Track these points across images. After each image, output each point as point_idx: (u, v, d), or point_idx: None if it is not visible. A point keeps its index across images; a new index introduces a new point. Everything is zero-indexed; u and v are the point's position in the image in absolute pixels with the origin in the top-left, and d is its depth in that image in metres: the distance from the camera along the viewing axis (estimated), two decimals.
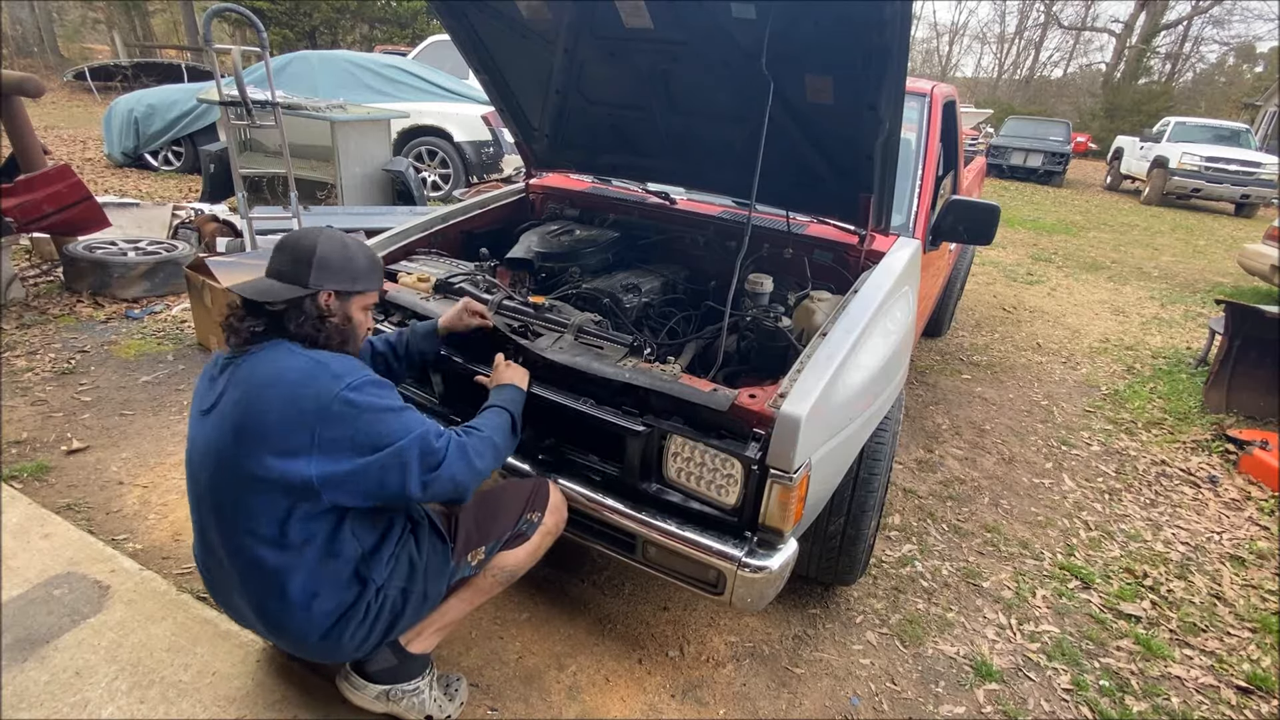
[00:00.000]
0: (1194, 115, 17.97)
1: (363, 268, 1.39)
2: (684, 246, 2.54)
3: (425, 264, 2.16)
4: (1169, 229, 10.28)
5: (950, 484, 2.89)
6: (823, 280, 2.16)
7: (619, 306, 2.10)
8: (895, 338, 1.83)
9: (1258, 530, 2.78)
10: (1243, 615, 2.29)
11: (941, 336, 4.62)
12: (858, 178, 1.93)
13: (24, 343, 3.36)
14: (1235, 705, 1.94)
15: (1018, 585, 2.33)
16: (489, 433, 1.41)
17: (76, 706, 1.56)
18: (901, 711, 1.81)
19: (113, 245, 4.15)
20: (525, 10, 2.03)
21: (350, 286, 1.37)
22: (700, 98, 2.10)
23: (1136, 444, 3.43)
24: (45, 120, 10.67)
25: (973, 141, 14.30)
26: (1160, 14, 25.25)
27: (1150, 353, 4.77)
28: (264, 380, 1.24)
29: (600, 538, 1.66)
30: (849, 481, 1.81)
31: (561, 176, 2.80)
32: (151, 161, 7.64)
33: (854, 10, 1.51)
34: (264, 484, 1.22)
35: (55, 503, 2.27)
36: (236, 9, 4.09)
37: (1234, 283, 7.05)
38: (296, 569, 1.26)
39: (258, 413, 1.22)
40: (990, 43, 34.54)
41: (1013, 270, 6.77)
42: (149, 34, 23.43)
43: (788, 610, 2.10)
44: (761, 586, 1.48)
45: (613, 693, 1.77)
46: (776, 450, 1.39)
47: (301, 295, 1.31)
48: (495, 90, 2.42)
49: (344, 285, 1.36)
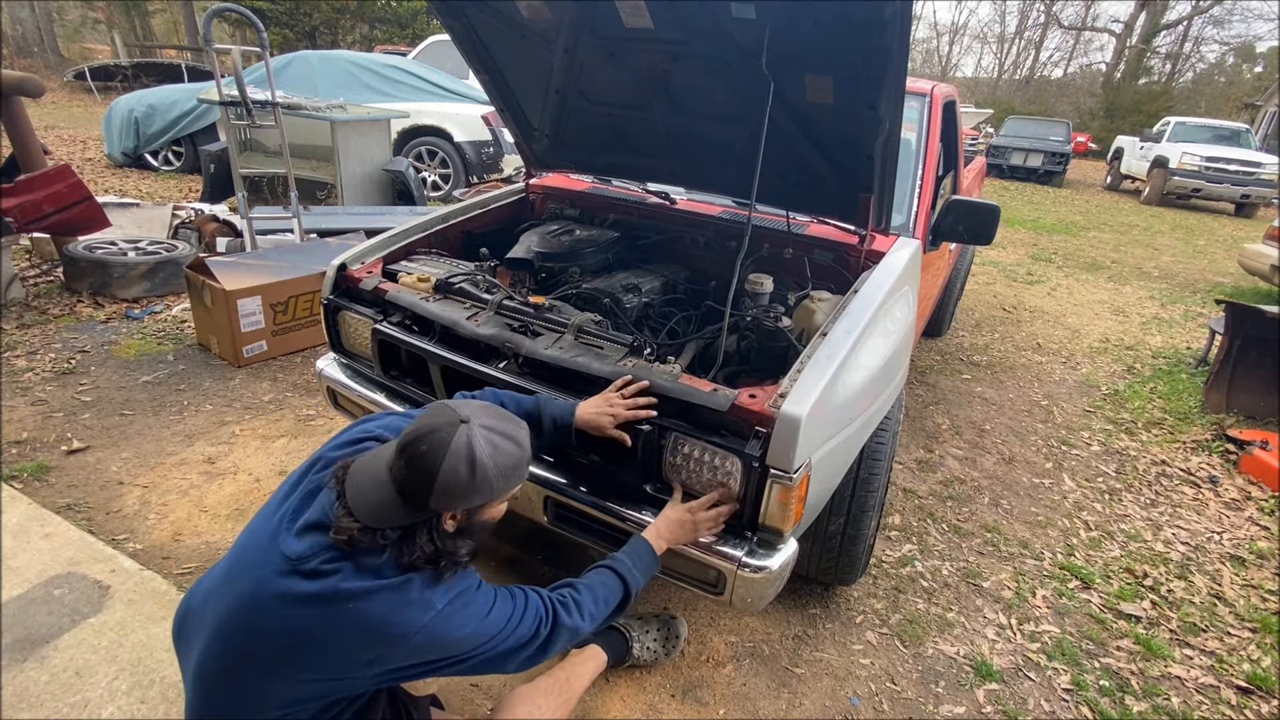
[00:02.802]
0: (1194, 115, 17.97)
1: (495, 482, 1.11)
2: (684, 246, 2.54)
3: (425, 264, 2.16)
4: (1169, 229, 10.28)
5: (950, 484, 2.89)
6: (823, 280, 2.16)
7: (619, 306, 2.10)
8: (895, 338, 1.83)
9: (1258, 530, 2.78)
10: (1243, 615, 2.29)
11: (941, 336, 4.62)
12: (858, 178, 1.93)
13: (24, 343, 3.36)
14: (1235, 705, 1.94)
15: (1018, 585, 2.33)
16: (596, 607, 1.31)
17: (76, 706, 1.56)
18: (901, 711, 1.81)
19: (113, 245, 4.15)
20: (525, 10, 2.03)
21: (477, 501, 1.12)
22: (700, 98, 2.10)
23: (1136, 444, 3.43)
24: (45, 120, 10.67)
25: (973, 141, 14.30)
26: (1160, 14, 25.26)
27: (1150, 353, 4.77)
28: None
29: (600, 538, 1.66)
30: (849, 481, 1.81)
31: (561, 176, 2.80)
32: (151, 161, 7.64)
33: (854, 10, 1.51)
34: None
35: (55, 503, 2.27)
36: (236, 9, 4.09)
37: (1234, 283, 7.05)
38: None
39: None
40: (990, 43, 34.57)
41: (1013, 270, 6.77)
42: (149, 34, 23.44)
43: (788, 610, 2.10)
44: (761, 586, 1.48)
45: (613, 693, 1.76)
46: (776, 450, 1.39)
47: (416, 521, 1.09)
48: (495, 90, 2.42)
49: (471, 504, 1.12)
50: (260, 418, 2.90)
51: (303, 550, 1.07)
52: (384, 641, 1.06)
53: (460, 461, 1.06)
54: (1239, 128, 13.61)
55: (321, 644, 1.06)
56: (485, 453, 1.08)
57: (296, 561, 1.07)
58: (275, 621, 1.06)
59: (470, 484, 1.08)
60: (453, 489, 1.07)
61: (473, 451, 1.07)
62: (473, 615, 1.12)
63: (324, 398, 2.22)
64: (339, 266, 2.08)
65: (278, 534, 1.11)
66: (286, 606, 1.05)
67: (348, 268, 2.08)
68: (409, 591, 1.07)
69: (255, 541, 1.14)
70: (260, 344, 3.36)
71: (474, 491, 1.09)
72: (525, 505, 1.76)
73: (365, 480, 1.10)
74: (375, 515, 1.07)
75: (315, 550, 1.07)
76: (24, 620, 1.76)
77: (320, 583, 1.05)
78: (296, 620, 1.05)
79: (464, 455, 1.07)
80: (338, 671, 1.08)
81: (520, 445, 1.15)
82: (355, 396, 2.04)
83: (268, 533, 1.13)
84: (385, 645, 1.06)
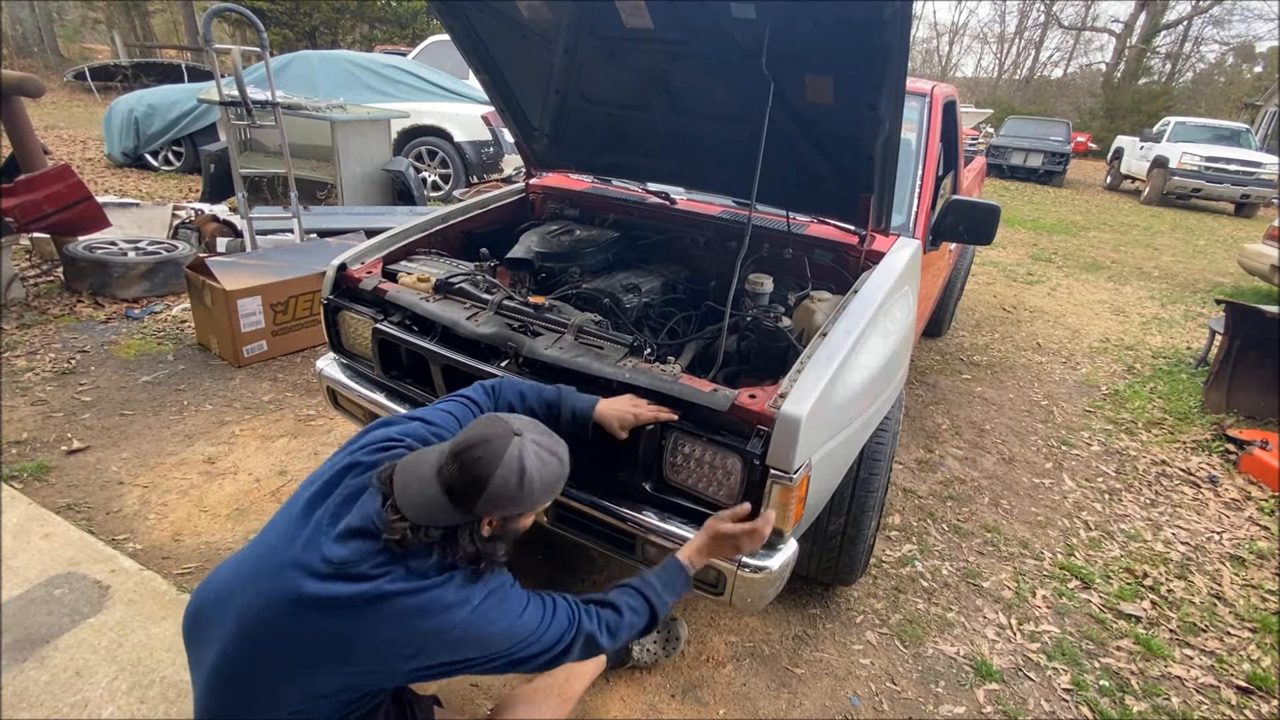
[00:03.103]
0: (1194, 115, 17.97)
1: (538, 494, 1.17)
2: (684, 246, 2.54)
3: (425, 264, 2.16)
4: (1169, 229, 10.29)
5: (950, 484, 2.89)
6: (823, 280, 2.16)
7: (619, 306, 2.10)
8: (895, 338, 1.83)
9: (1258, 530, 2.78)
10: (1243, 615, 2.29)
11: (941, 336, 4.62)
12: (858, 178, 1.93)
13: (24, 343, 3.36)
14: (1235, 705, 1.94)
15: (1018, 585, 2.33)
16: (620, 631, 1.29)
17: (76, 706, 1.56)
18: (901, 711, 1.81)
19: (113, 245, 4.15)
20: (525, 10, 2.03)
21: (517, 510, 1.17)
22: (700, 98, 2.10)
23: (1136, 444, 3.43)
24: (45, 120, 10.67)
25: (973, 141, 14.30)
26: (1160, 14, 25.26)
27: (1150, 353, 4.77)
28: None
29: (600, 538, 1.67)
30: (849, 481, 1.81)
31: (561, 176, 2.80)
32: (151, 161, 7.64)
33: (854, 10, 1.51)
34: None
35: (55, 503, 2.27)
36: (236, 9, 4.09)
37: (1234, 283, 7.05)
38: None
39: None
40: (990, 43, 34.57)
41: (1013, 270, 6.77)
42: (149, 34, 23.44)
43: (788, 610, 2.10)
44: (761, 587, 1.48)
45: (613, 693, 1.77)
46: (776, 450, 1.39)
47: (459, 523, 1.14)
48: (495, 90, 2.42)
49: (512, 512, 1.17)
50: (260, 418, 2.91)
51: (348, 555, 1.10)
52: (426, 636, 1.09)
53: (511, 472, 1.12)
54: (1239, 128, 13.61)
55: (365, 642, 1.08)
56: (534, 466, 1.14)
57: (342, 565, 1.09)
58: (316, 624, 1.08)
59: (518, 493, 1.13)
60: (501, 496, 1.12)
61: (523, 464, 1.12)
62: (508, 611, 1.16)
63: (324, 398, 2.22)
64: (339, 266, 2.08)
65: (316, 538, 1.13)
66: (329, 609, 1.08)
67: (348, 268, 2.08)
68: (449, 587, 1.12)
69: (285, 544, 1.15)
70: (260, 344, 3.36)
71: (519, 500, 1.14)
72: None
73: (412, 482, 1.14)
74: (421, 513, 1.11)
75: (363, 555, 1.10)
76: (24, 620, 1.76)
77: (368, 585, 1.08)
78: (341, 622, 1.08)
79: (515, 466, 1.12)
80: (378, 665, 1.11)
81: (563, 462, 1.21)
82: (355, 396, 2.04)
83: (302, 537, 1.14)
84: (426, 639, 1.10)
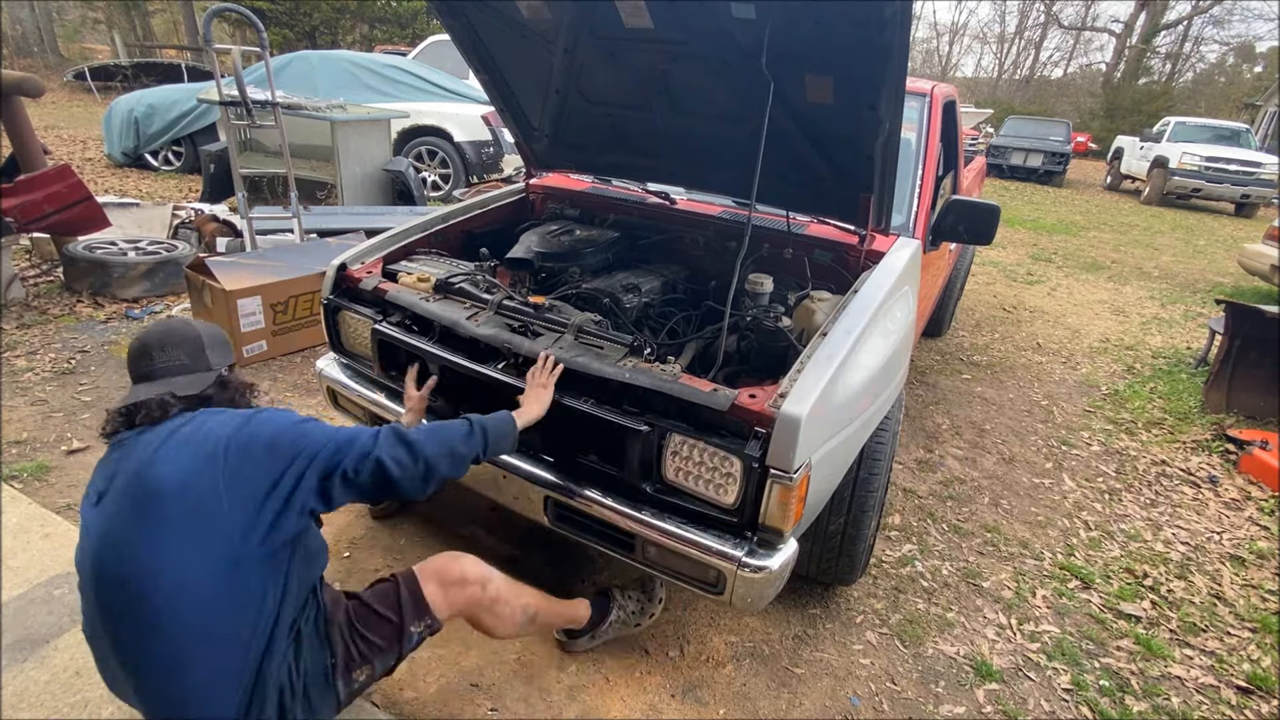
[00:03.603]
0: (1194, 115, 17.96)
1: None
2: (684, 246, 2.54)
3: (425, 264, 2.16)
4: (1169, 229, 10.29)
5: (950, 484, 2.89)
6: (823, 280, 2.16)
7: (619, 306, 2.10)
8: (895, 338, 1.83)
9: (1258, 530, 2.78)
10: (1243, 615, 2.29)
11: (941, 336, 4.62)
12: (858, 178, 1.93)
13: (24, 343, 3.36)
14: (1235, 705, 1.94)
15: (1018, 585, 2.33)
16: (431, 426, 1.39)
17: (76, 706, 1.56)
18: (901, 711, 1.81)
19: (113, 245, 4.15)
20: (525, 10, 2.03)
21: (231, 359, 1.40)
22: (700, 98, 2.10)
23: (1136, 444, 3.43)
24: (45, 120, 10.67)
25: (973, 141, 14.29)
26: (1160, 14, 25.25)
27: (1150, 353, 4.77)
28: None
29: (600, 538, 1.67)
30: (849, 481, 1.81)
31: (561, 176, 2.80)
32: (151, 161, 7.64)
33: (854, 10, 1.51)
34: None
35: (55, 502, 2.27)
36: (236, 9, 4.09)
37: (1234, 283, 7.05)
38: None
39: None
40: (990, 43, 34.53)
41: (1013, 270, 6.77)
42: (149, 34, 23.43)
43: (788, 610, 2.10)
44: (761, 586, 1.48)
45: (613, 693, 1.77)
46: (776, 450, 1.39)
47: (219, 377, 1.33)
48: (495, 90, 2.42)
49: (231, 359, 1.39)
50: None
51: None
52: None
53: (196, 324, 1.40)
54: (1239, 128, 13.61)
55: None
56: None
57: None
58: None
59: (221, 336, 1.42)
60: (215, 341, 1.40)
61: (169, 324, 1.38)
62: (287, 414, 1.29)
63: (324, 397, 2.22)
64: (339, 266, 2.08)
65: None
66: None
67: (348, 268, 2.08)
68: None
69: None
70: (260, 344, 3.36)
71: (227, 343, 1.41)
72: (525, 505, 1.76)
73: (182, 388, 1.31)
74: (192, 386, 1.30)
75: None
76: (24, 620, 1.76)
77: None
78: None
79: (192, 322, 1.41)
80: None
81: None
82: (355, 396, 2.04)
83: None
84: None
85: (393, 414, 1.94)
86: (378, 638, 1.34)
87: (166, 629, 1.10)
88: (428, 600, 1.40)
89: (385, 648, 1.35)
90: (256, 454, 1.18)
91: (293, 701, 1.21)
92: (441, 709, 1.67)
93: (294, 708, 1.21)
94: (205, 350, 1.33)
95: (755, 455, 1.40)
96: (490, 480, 1.79)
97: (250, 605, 1.16)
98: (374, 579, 1.46)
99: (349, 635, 1.32)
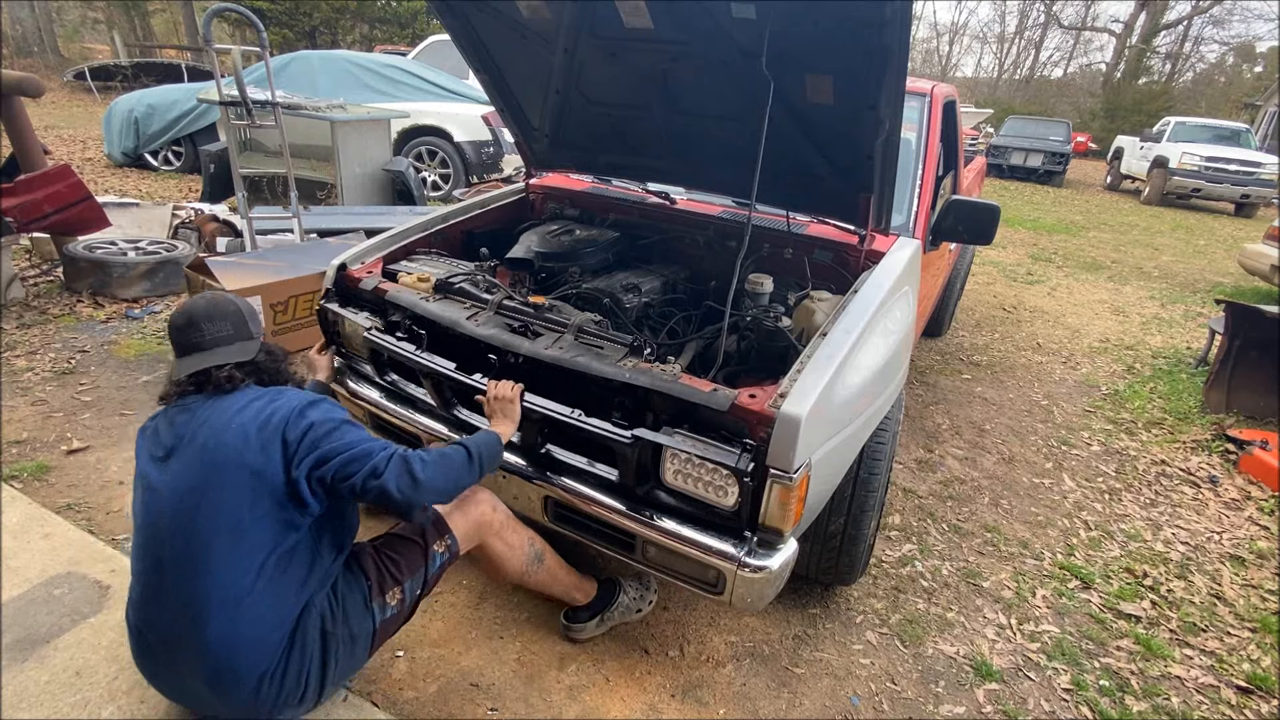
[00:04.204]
0: (1194, 115, 17.96)
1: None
2: (684, 246, 2.54)
3: (425, 264, 2.16)
4: (1169, 229, 10.29)
5: (950, 484, 2.89)
6: (823, 280, 2.16)
7: (619, 306, 2.10)
8: (895, 338, 1.83)
9: (1258, 530, 2.78)
10: (1243, 615, 2.29)
11: (941, 336, 4.62)
12: (858, 178, 1.93)
13: (24, 343, 3.36)
14: (1235, 705, 1.94)
15: (1018, 585, 2.33)
16: (438, 457, 1.44)
17: (76, 706, 1.56)
18: (901, 711, 1.81)
19: (113, 245, 4.15)
20: (525, 10, 2.03)
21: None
22: (700, 97, 2.10)
23: (1136, 444, 3.43)
24: (45, 120, 10.67)
25: (973, 141, 14.30)
26: (1160, 14, 25.25)
27: (1150, 353, 4.77)
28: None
29: (600, 538, 1.67)
30: (849, 481, 1.81)
31: (561, 176, 2.80)
32: (151, 161, 7.64)
33: (854, 10, 1.51)
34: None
35: (55, 502, 2.27)
36: (236, 9, 4.09)
37: (1234, 283, 7.05)
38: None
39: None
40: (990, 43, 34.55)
41: (1013, 270, 6.77)
42: (149, 34, 23.42)
43: (788, 610, 2.10)
44: (761, 586, 1.48)
45: (613, 693, 1.77)
46: (776, 450, 1.39)
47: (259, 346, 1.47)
48: (495, 90, 2.42)
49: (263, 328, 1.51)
50: None
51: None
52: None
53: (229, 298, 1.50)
54: (1239, 128, 13.62)
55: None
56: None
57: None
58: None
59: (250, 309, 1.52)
60: (252, 314, 1.50)
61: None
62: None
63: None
64: (339, 266, 2.08)
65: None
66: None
67: (348, 268, 2.08)
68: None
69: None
70: None
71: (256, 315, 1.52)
72: (525, 505, 1.76)
73: (223, 357, 1.44)
74: (238, 355, 1.44)
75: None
76: (24, 620, 1.76)
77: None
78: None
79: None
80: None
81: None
82: (355, 396, 2.04)
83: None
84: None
85: (392, 414, 1.94)
86: (405, 559, 1.51)
87: (225, 576, 1.26)
88: (445, 519, 1.58)
89: (413, 568, 1.51)
90: (296, 432, 1.32)
91: (334, 626, 1.38)
92: (441, 709, 1.67)
93: (336, 631, 1.38)
94: (247, 321, 1.46)
95: (746, 467, 1.39)
96: (490, 480, 1.79)
97: (298, 565, 1.33)
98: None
99: (379, 559, 1.49)
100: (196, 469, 1.29)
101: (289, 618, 1.32)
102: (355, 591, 1.43)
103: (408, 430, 1.92)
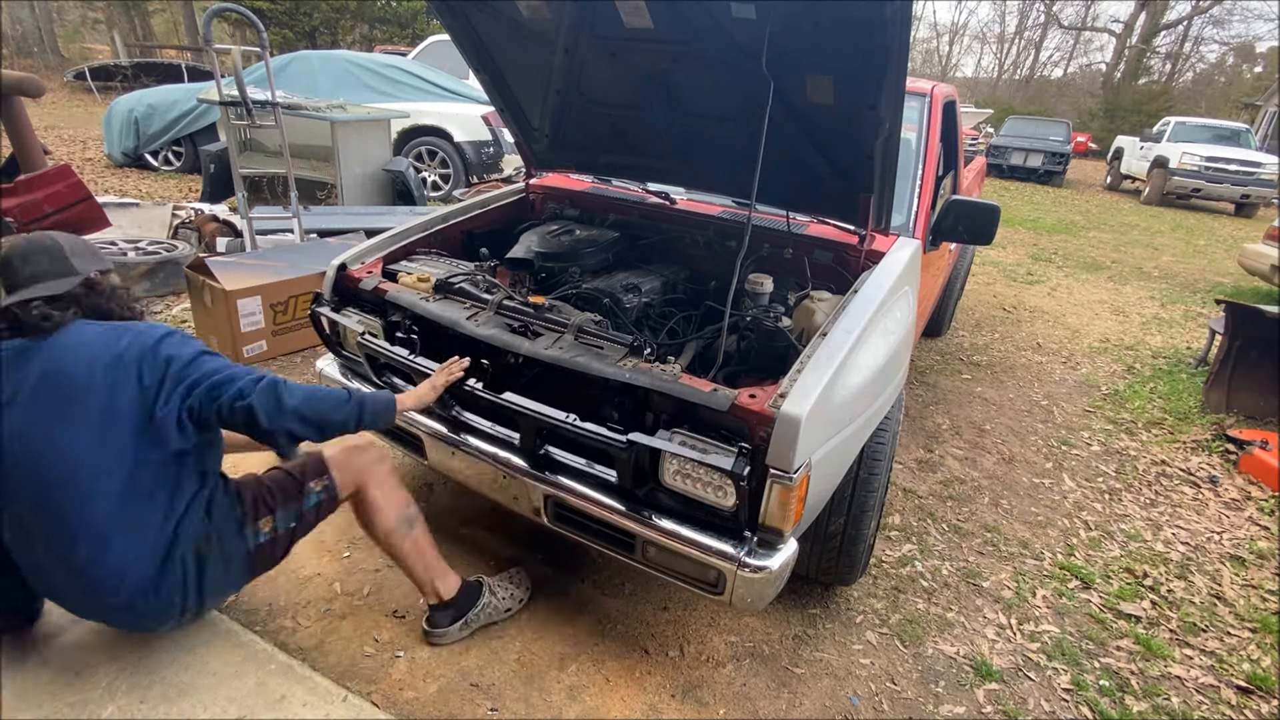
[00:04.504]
0: (1194, 115, 17.96)
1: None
2: (684, 246, 2.54)
3: (425, 264, 2.16)
4: (1169, 229, 10.29)
5: (950, 484, 2.89)
6: (823, 280, 2.16)
7: (619, 306, 2.10)
8: (895, 338, 1.83)
9: (1258, 530, 2.78)
10: (1243, 615, 2.29)
11: (941, 336, 4.62)
12: (858, 178, 1.94)
13: None
14: (1235, 705, 1.94)
15: (1018, 585, 2.33)
16: (311, 390, 1.49)
17: (76, 706, 1.55)
18: (901, 711, 1.81)
19: (113, 245, 4.15)
20: (525, 10, 2.04)
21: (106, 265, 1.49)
22: (700, 98, 2.10)
23: (1136, 444, 3.43)
24: (45, 120, 10.66)
25: (973, 141, 14.30)
26: (1160, 14, 25.25)
27: (1150, 353, 4.77)
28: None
29: (600, 538, 1.67)
30: (849, 481, 1.81)
31: (561, 176, 2.80)
32: (151, 161, 7.64)
33: (854, 10, 1.51)
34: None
35: None
36: (236, 9, 4.09)
37: (1234, 283, 7.05)
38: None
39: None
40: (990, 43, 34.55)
41: (1013, 270, 6.77)
42: (149, 34, 23.43)
43: (788, 610, 2.10)
44: (761, 586, 1.48)
45: (613, 693, 1.77)
46: (776, 450, 1.39)
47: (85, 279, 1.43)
48: (495, 90, 2.42)
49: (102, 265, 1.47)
50: None
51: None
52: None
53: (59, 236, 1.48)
54: (1239, 128, 13.62)
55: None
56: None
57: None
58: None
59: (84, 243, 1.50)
60: (78, 249, 1.47)
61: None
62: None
63: None
64: (339, 266, 2.08)
65: None
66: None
67: (347, 268, 2.08)
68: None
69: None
70: (260, 344, 3.36)
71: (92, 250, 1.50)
72: (526, 505, 1.76)
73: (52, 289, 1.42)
74: (62, 287, 1.43)
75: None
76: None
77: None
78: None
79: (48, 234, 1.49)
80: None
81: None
82: None
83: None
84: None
85: None
86: (280, 491, 1.55)
87: (89, 506, 1.30)
88: (326, 460, 1.61)
89: (286, 500, 1.55)
90: (155, 369, 1.35)
91: (208, 547, 1.43)
92: (441, 709, 1.67)
93: (209, 553, 1.44)
94: (69, 257, 1.42)
95: (742, 471, 1.38)
96: (490, 480, 1.79)
97: (164, 491, 1.38)
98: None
99: (258, 489, 1.54)
100: (41, 406, 1.30)
101: (162, 542, 1.37)
102: (230, 517, 1.48)
103: (408, 430, 1.92)
